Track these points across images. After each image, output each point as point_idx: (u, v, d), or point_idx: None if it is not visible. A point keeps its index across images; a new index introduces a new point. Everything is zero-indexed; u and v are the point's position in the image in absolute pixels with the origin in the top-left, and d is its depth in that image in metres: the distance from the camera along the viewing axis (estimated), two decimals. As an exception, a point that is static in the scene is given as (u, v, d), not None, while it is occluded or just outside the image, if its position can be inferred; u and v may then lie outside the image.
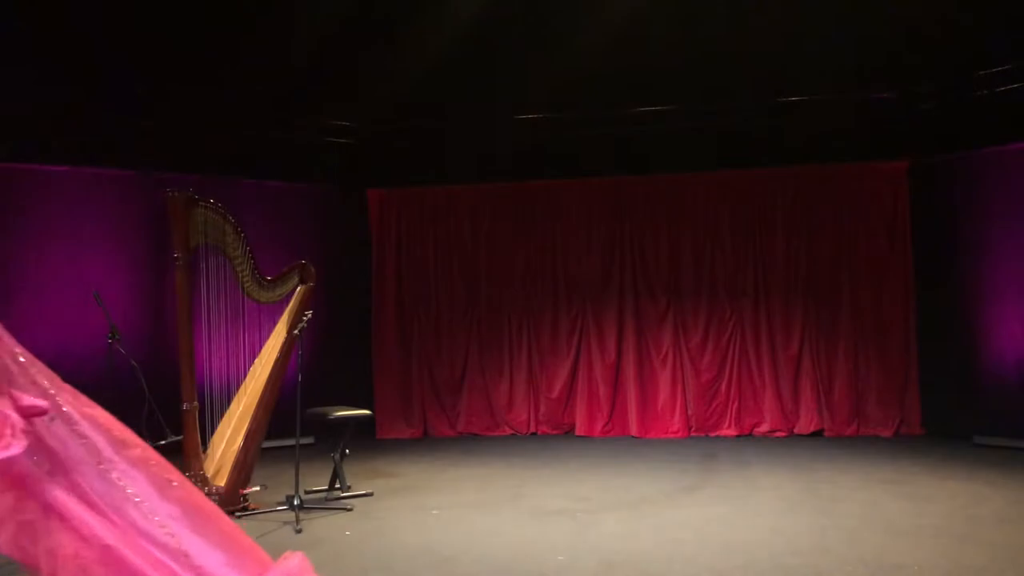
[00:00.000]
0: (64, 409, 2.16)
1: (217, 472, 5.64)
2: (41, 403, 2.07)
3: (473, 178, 9.04)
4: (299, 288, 6.20)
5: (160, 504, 2.18)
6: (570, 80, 8.00)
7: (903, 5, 7.29)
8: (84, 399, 2.26)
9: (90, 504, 2.09)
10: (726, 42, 7.73)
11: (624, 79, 8.20)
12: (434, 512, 5.60)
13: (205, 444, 5.74)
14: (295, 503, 5.31)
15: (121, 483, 2.15)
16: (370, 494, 6.09)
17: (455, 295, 9.10)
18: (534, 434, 8.89)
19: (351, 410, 6.26)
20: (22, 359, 2.17)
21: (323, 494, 6.09)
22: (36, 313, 7.47)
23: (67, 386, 2.24)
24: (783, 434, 8.46)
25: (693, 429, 8.64)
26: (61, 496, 2.07)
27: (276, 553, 4.77)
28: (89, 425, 2.16)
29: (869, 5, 7.38)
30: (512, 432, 8.90)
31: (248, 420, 5.77)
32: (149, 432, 5.86)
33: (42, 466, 2.10)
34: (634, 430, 8.67)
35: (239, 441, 5.71)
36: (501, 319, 9.06)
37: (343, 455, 6.14)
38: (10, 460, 2.00)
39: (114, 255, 7.82)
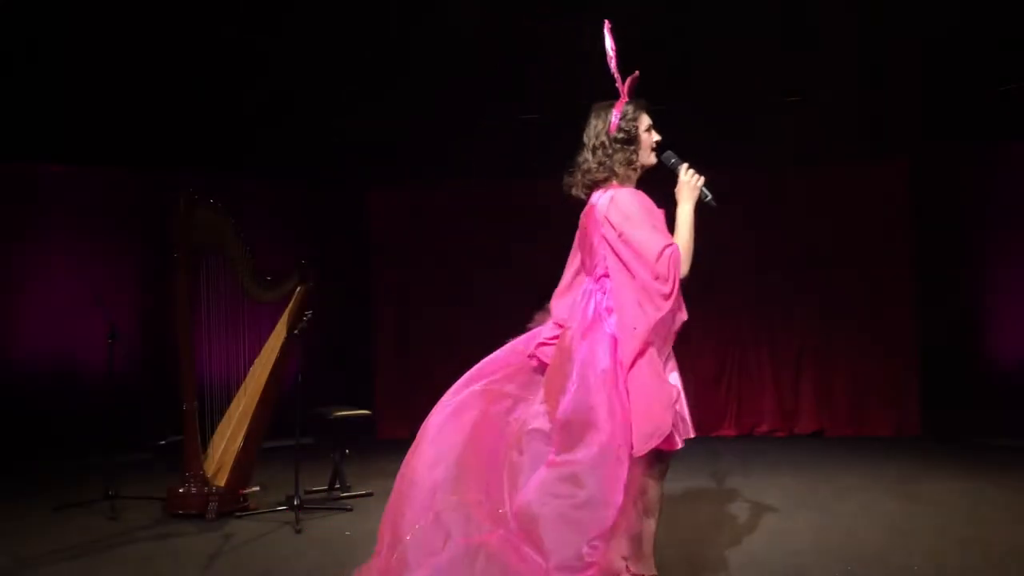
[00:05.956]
0: None
1: (217, 472, 5.64)
2: None
3: (473, 178, 9.03)
4: (299, 288, 6.18)
5: None
6: (570, 80, 7.99)
7: (904, 4, 7.30)
8: None
9: None
10: (725, 41, 7.73)
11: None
12: (434, 512, 5.59)
13: (205, 444, 5.74)
14: (295, 503, 5.30)
15: None
16: (370, 494, 6.07)
17: (455, 295, 9.09)
18: (534, 434, 8.87)
19: (351, 410, 6.26)
20: None
21: (323, 494, 6.09)
22: (36, 313, 7.48)
23: None
24: (783, 434, 8.46)
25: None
26: None
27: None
28: None
29: (869, 4, 7.38)
30: (512, 432, 8.88)
31: (248, 420, 5.77)
32: (149, 432, 5.89)
33: None
34: (634, 430, 8.65)
35: (239, 441, 5.70)
36: (501, 319, 9.01)
37: (343, 455, 6.14)
38: None
39: (114, 255, 7.82)
